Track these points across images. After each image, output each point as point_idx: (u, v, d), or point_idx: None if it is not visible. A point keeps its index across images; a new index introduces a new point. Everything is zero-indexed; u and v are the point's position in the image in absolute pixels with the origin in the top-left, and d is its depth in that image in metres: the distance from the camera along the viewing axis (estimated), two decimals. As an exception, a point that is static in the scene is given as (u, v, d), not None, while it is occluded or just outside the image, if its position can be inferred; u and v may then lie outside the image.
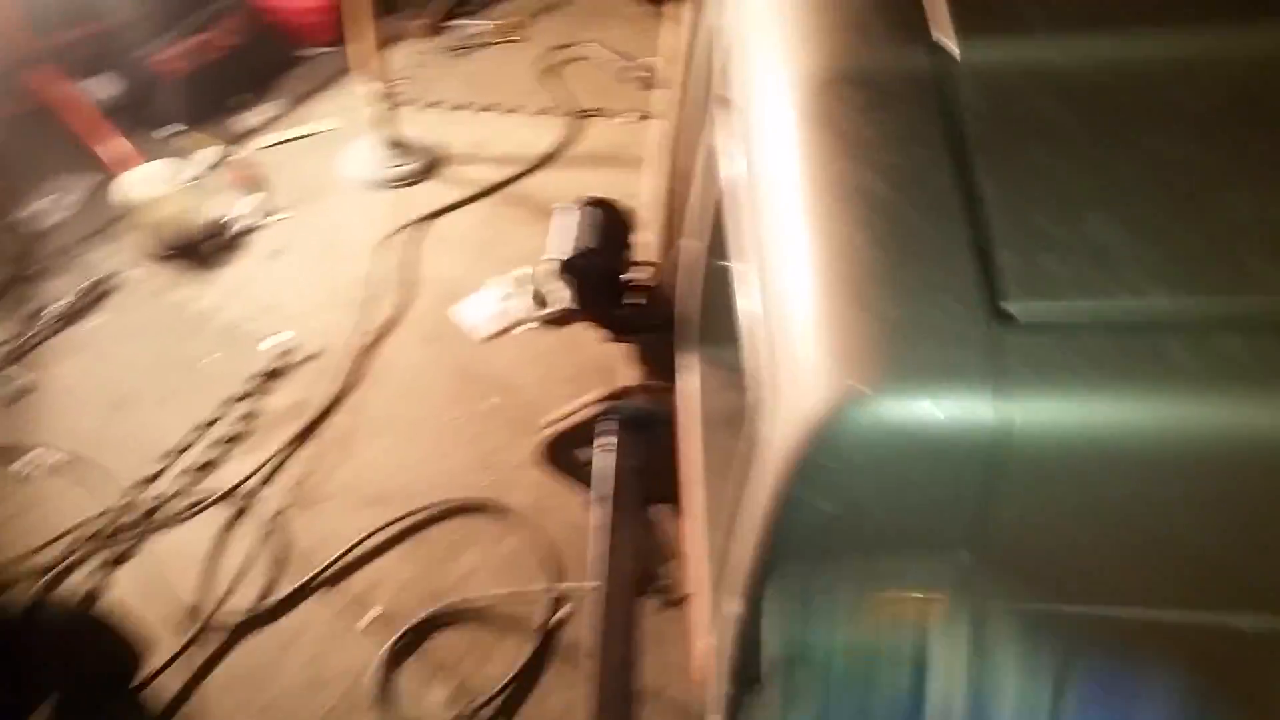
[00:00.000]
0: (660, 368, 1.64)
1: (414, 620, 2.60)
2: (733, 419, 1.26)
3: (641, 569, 1.45)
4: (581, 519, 2.87)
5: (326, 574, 2.74)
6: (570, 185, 3.94)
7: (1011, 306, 0.71)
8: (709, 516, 1.16)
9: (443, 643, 2.60)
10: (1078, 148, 0.81)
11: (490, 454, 3.06)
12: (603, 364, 3.26)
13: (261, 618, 2.66)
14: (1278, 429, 0.67)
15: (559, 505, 2.88)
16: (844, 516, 0.73)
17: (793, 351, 0.77)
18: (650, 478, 1.51)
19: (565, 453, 1.66)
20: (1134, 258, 0.71)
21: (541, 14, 4.94)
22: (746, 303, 0.89)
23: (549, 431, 1.66)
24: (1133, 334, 0.69)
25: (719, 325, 1.33)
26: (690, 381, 1.33)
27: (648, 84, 4.31)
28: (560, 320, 3.41)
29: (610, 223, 1.68)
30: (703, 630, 1.08)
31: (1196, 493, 0.70)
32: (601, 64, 4.59)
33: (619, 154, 4.08)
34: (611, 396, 1.60)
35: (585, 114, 4.31)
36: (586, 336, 3.40)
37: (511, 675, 2.48)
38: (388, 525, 2.85)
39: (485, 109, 4.39)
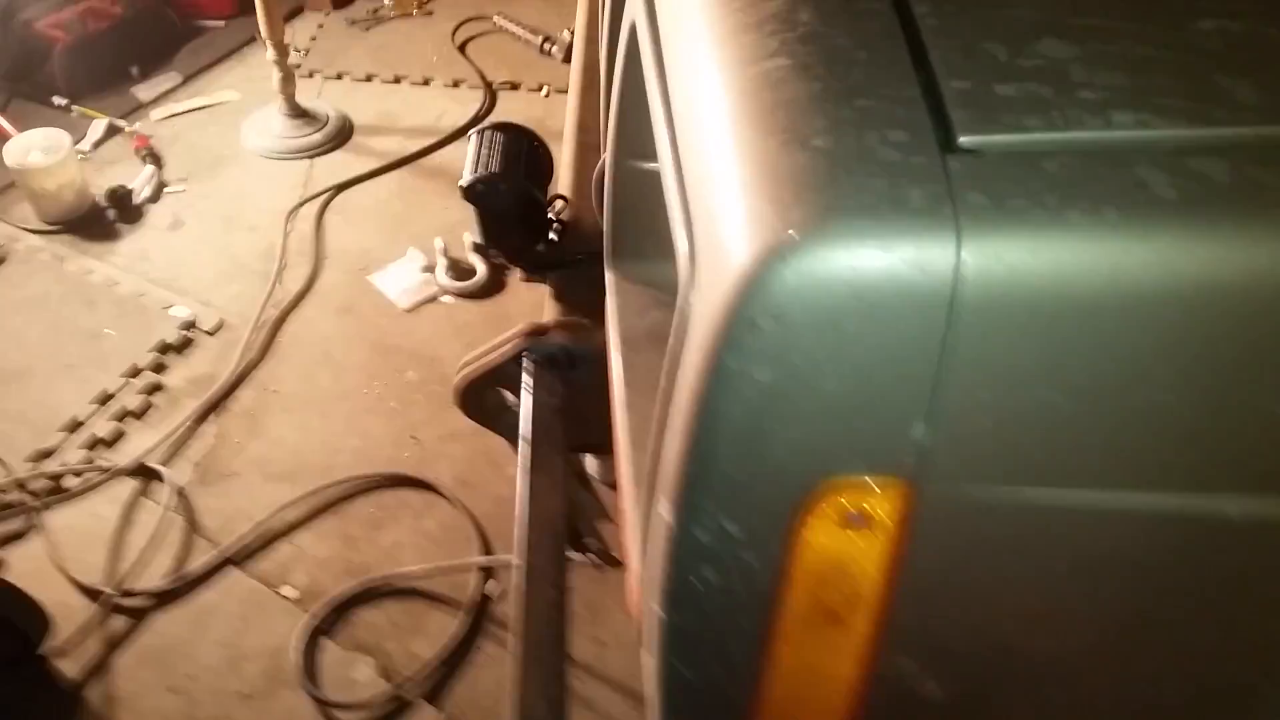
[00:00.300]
0: (583, 305, 1.57)
1: (335, 597, 2.49)
2: (654, 337, 1.20)
3: (568, 521, 1.38)
4: (508, 492, 2.77)
5: (239, 550, 2.61)
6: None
7: (964, 136, 0.64)
8: (632, 438, 1.09)
9: (367, 619, 2.49)
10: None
11: (410, 428, 2.96)
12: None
13: (172, 595, 2.51)
14: (1266, 264, 0.61)
15: (484, 479, 2.79)
16: (781, 386, 0.65)
17: (713, 203, 0.70)
18: (574, 420, 1.43)
19: (483, 397, 1.58)
20: (1096, 83, 0.66)
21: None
22: (663, 170, 0.82)
23: (464, 374, 1.57)
24: (1102, 161, 0.62)
25: (632, 238, 1.26)
26: (609, 305, 1.26)
27: (565, 57, 4.23)
28: (482, 291, 3.33)
29: (520, 151, 1.60)
30: (633, 558, 1.01)
31: (1178, 343, 0.63)
32: (512, 38, 4.49)
33: (535, 122, 3.97)
34: (529, 334, 1.52)
35: (498, 86, 4.20)
36: (510, 308, 3.32)
37: (440, 652, 2.38)
38: (302, 499, 2.72)
39: (393, 81, 4.26)
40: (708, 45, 0.78)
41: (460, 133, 3.96)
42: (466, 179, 1.54)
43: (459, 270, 3.36)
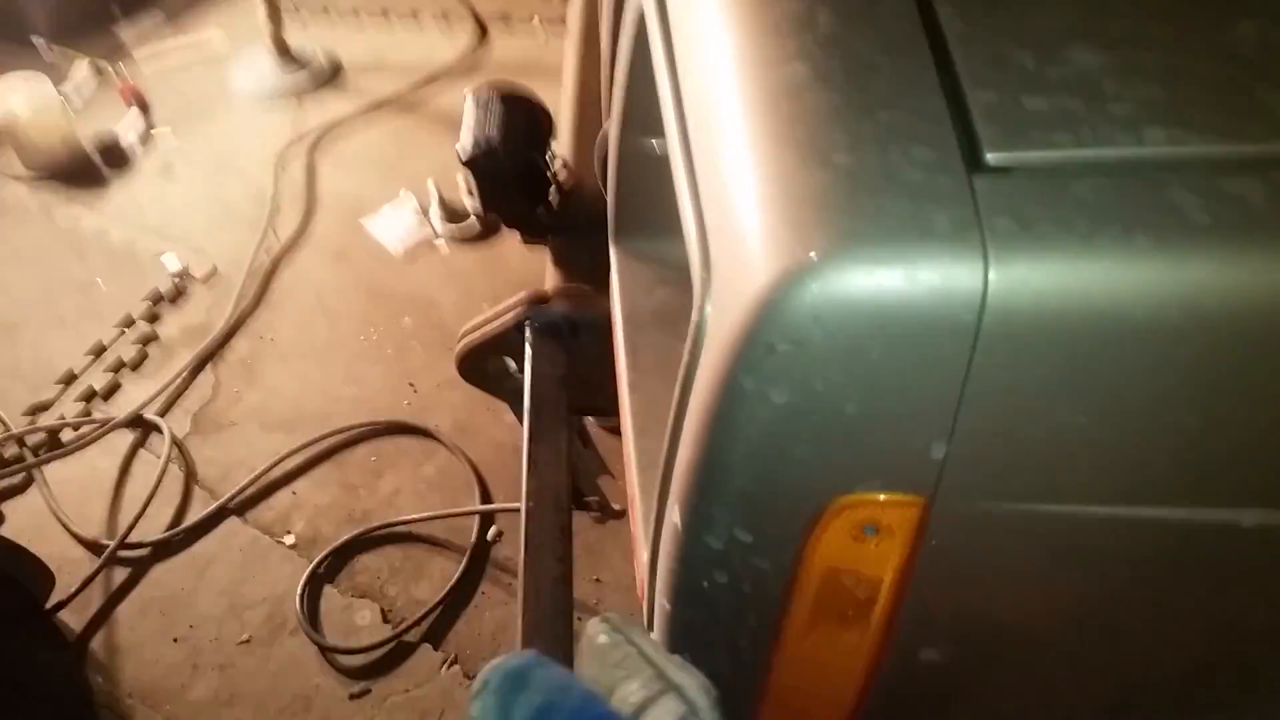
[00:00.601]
0: (584, 271, 1.55)
1: (335, 543, 2.51)
2: (660, 317, 1.19)
3: (571, 482, 1.37)
4: (506, 438, 2.81)
5: (239, 499, 2.62)
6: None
7: (991, 154, 0.62)
8: (637, 422, 1.09)
9: (367, 565, 2.52)
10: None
11: (408, 375, 2.95)
12: (525, 281, 3.15)
13: (173, 544, 2.53)
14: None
15: (482, 425, 2.80)
16: (799, 408, 0.65)
17: (730, 218, 0.68)
18: (577, 387, 1.43)
19: (485, 365, 1.56)
20: (1128, 95, 0.64)
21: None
22: (675, 173, 0.80)
23: (465, 343, 1.56)
24: (1132, 180, 0.61)
25: (637, 215, 1.24)
26: (613, 282, 1.25)
27: (557, -16, 4.14)
28: (478, 235, 3.29)
29: (518, 115, 1.56)
30: (641, 543, 1.02)
31: (1206, 362, 0.63)
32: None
33: (531, 62, 3.91)
34: (530, 302, 1.50)
35: (489, 18, 4.11)
36: (507, 252, 3.29)
37: (441, 595, 2.41)
38: (301, 449, 2.73)
39: (380, 14, 4.16)
40: (723, 43, 0.76)
41: (451, 70, 3.88)
42: (466, 149, 1.51)
43: (453, 213, 3.32)
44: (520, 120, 1.53)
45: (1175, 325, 0.60)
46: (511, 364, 1.58)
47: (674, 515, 0.77)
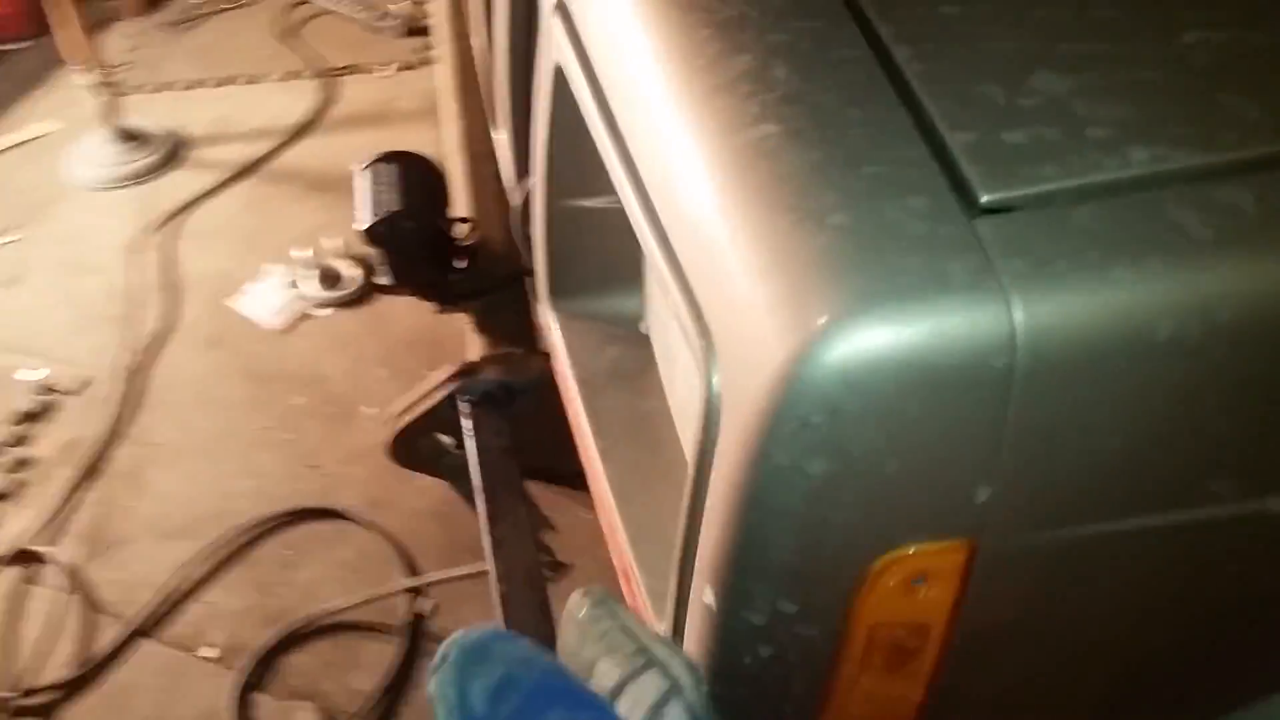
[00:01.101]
0: (510, 333, 1.50)
1: (260, 648, 2.37)
2: (617, 376, 1.16)
3: (535, 554, 1.32)
4: (423, 505, 2.72)
5: (148, 620, 2.45)
6: (338, 152, 3.66)
7: (985, 195, 0.62)
8: (618, 490, 1.05)
9: (298, 665, 2.39)
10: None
11: (307, 456, 2.82)
12: (417, 339, 3.07)
13: (82, 682, 2.34)
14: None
15: (396, 496, 2.70)
16: (838, 475, 0.63)
17: (728, 289, 0.66)
18: (525, 452, 1.37)
19: (418, 446, 1.49)
20: (1101, 116, 0.64)
21: (267, -27, 4.53)
22: (644, 241, 0.77)
23: (395, 426, 1.49)
24: (1128, 202, 0.62)
25: (573, 275, 1.21)
26: (557, 347, 1.21)
27: (403, 31, 4.05)
28: (357, 298, 3.18)
29: (414, 178, 1.50)
30: (652, 618, 0.98)
31: (1229, 368, 0.63)
32: (345, 18, 4.26)
33: (386, 110, 3.82)
34: (461, 374, 1.44)
35: (338, 72, 3.99)
36: (391, 311, 3.19)
37: (381, 682, 2.30)
38: (204, 553, 2.57)
39: (223, 82, 4.00)
40: (673, 107, 0.73)
41: (303, 130, 3.75)
42: (365, 221, 1.44)
43: (327, 278, 3.20)
44: (417, 183, 1.47)
45: (1196, 338, 0.61)
46: (446, 440, 1.51)
47: (706, 597, 0.74)
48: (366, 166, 1.50)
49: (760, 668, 0.76)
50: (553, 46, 0.97)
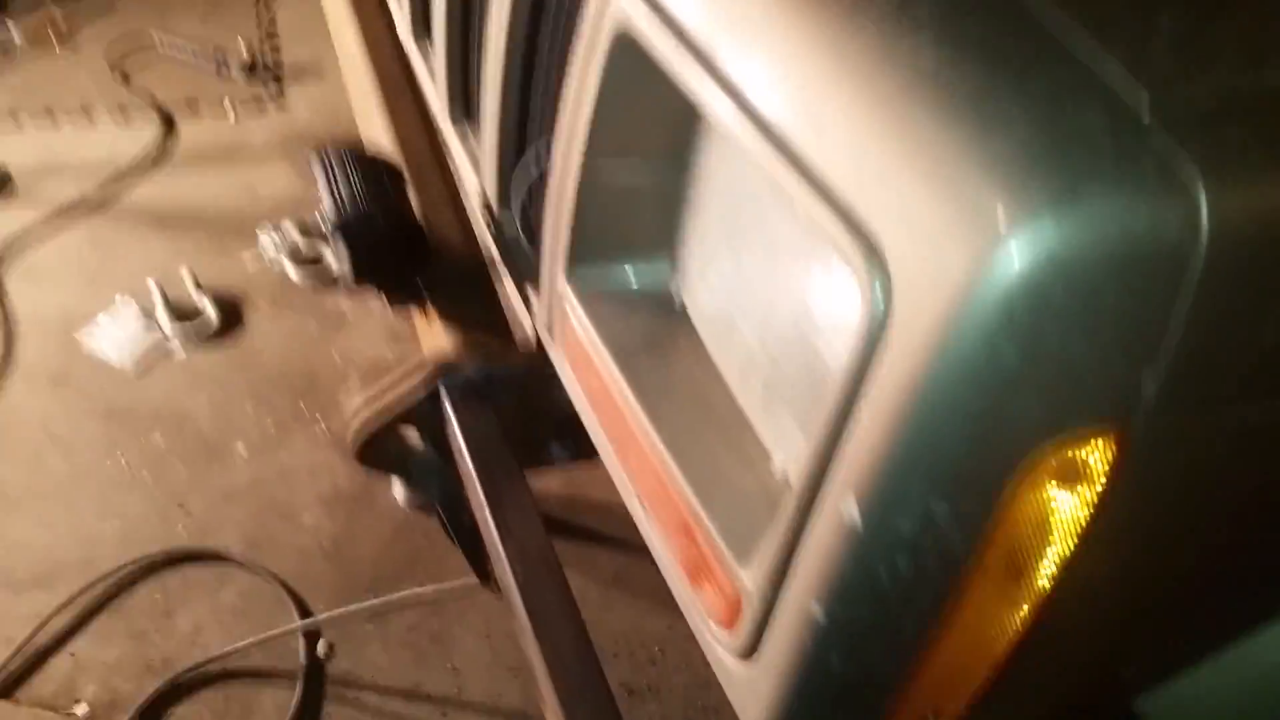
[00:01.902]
0: (481, 325, 1.48)
1: (140, 702, 2.18)
2: (650, 345, 1.18)
3: (545, 534, 1.29)
4: (309, 542, 2.58)
5: (5, 679, 2.20)
6: (182, 190, 3.49)
7: (1165, 91, 0.68)
8: (679, 453, 1.05)
9: (186, 717, 2.21)
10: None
11: (175, 496, 2.64)
12: (288, 374, 2.93)
13: (-62, 757, 2.09)
14: None
15: (277, 534, 2.55)
16: (1030, 364, 0.67)
17: (903, 205, 0.70)
18: (518, 442, 1.35)
19: (386, 445, 1.44)
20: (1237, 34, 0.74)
21: (87, 12, 4.27)
22: (773, 173, 0.81)
23: (365, 422, 1.43)
24: None
25: (594, 245, 1.22)
26: (579, 319, 1.21)
27: (245, 73, 3.92)
28: (216, 332, 3.01)
29: (379, 171, 1.47)
30: (732, 573, 0.99)
31: None
32: (175, 55, 4.07)
33: (227, 146, 3.67)
34: (439, 365, 1.41)
35: (175, 105, 3.81)
36: (257, 345, 3.04)
37: (286, 731, 2.17)
38: (68, 604, 2.35)
39: (44, 114, 3.73)
40: (815, 44, 0.79)
41: (139, 165, 3.55)
42: (333, 215, 1.39)
43: (183, 312, 3.03)
44: (383, 176, 1.44)
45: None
46: (417, 438, 1.47)
47: (847, 511, 0.77)
48: (324, 154, 1.46)
49: (893, 582, 0.79)
50: (613, 18, 1.00)
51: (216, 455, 2.76)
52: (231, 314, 3.09)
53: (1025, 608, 0.83)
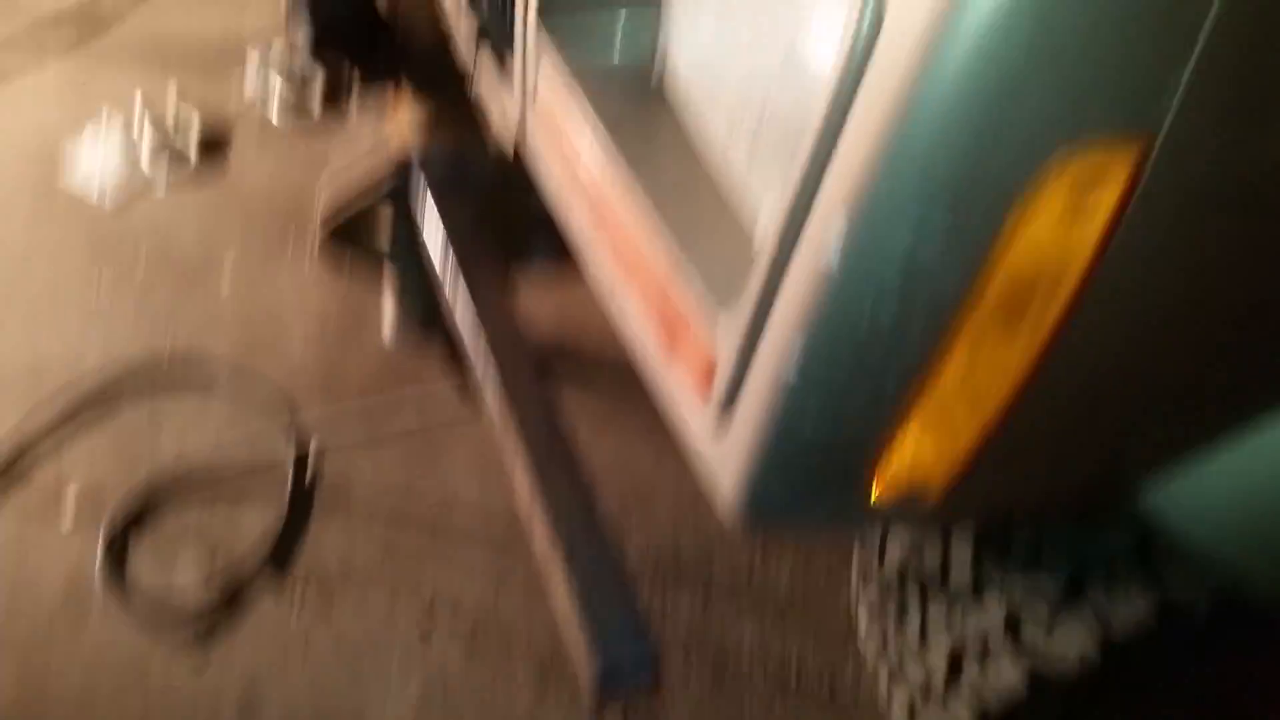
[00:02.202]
0: (449, 112, 1.35)
1: (127, 505, 2.16)
2: (629, 101, 1.07)
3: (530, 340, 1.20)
4: (298, 353, 2.52)
5: (-4, 472, 2.20)
6: (172, 17, 3.31)
7: None
8: (655, 195, 0.95)
9: (174, 519, 2.19)
10: None
11: (160, 318, 2.58)
12: (279, 209, 2.82)
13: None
14: None
15: (266, 339, 2.50)
16: (1044, 43, 0.57)
17: None
18: (500, 231, 1.25)
19: (358, 224, 1.33)
20: None
21: None
22: None
23: (331, 208, 1.32)
24: None
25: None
26: (554, 77, 1.09)
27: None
28: (201, 169, 2.88)
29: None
30: (691, 338, 0.90)
31: None
32: None
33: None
34: (411, 145, 1.29)
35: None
36: (247, 183, 2.92)
37: (272, 529, 2.15)
38: (55, 398, 2.32)
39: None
40: None
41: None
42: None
43: (167, 144, 2.90)
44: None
45: None
46: (390, 222, 1.36)
47: (831, 228, 0.67)
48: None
49: (879, 313, 0.70)
50: None
51: (199, 284, 2.69)
52: (215, 150, 2.97)
53: (1024, 356, 0.74)
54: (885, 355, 0.74)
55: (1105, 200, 0.65)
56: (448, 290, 1.24)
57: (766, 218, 0.94)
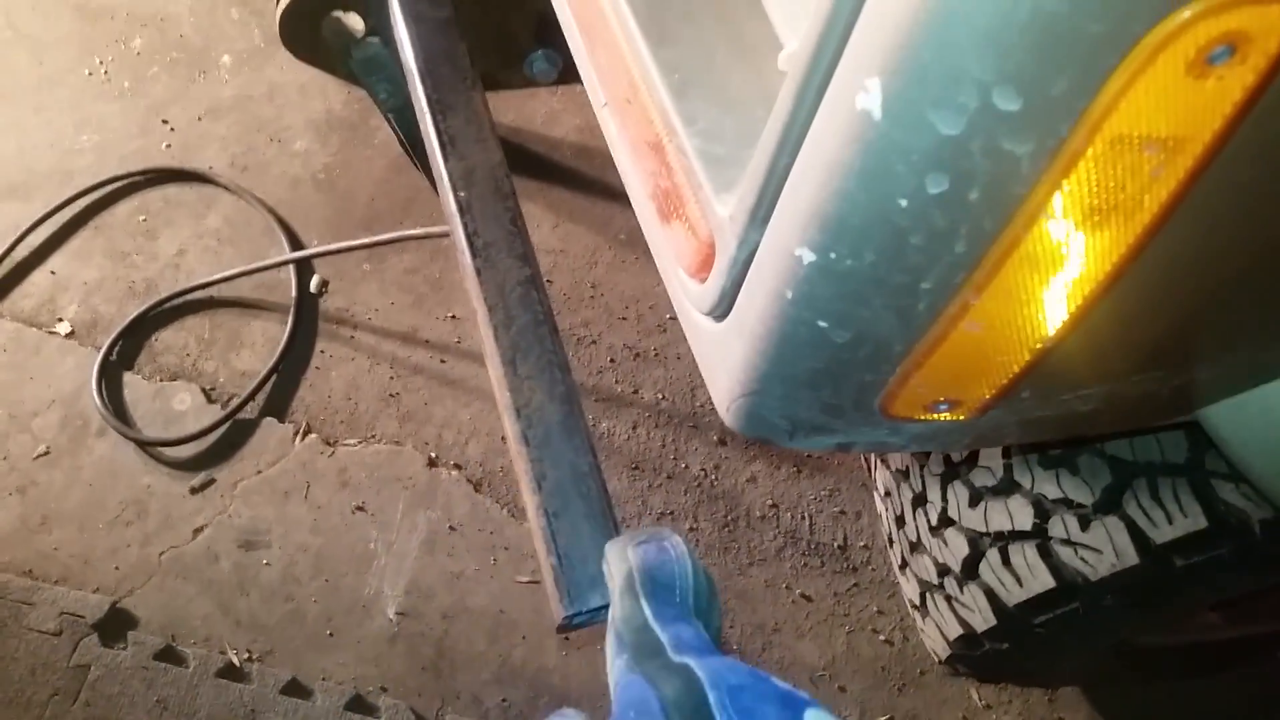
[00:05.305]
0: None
1: (123, 323, 2.07)
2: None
3: (498, 152, 1.04)
4: (300, 170, 2.35)
5: (-18, 288, 2.10)
6: None
7: None
8: (646, 24, 0.77)
9: (170, 342, 2.11)
10: None
11: (156, 110, 2.40)
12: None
13: (-90, 358, 2.02)
14: None
15: (266, 159, 2.33)
16: None
17: None
18: (491, 46, 1.06)
19: (318, 23, 1.15)
20: None
21: None
22: None
23: (285, 13, 1.13)
24: None
25: None
26: None
27: None
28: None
29: None
30: (710, 201, 0.73)
31: None
32: None
33: None
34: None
35: None
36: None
37: (272, 362, 2.05)
38: (47, 217, 2.20)
39: None
40: None
41: None
42: None
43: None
44: None
45: None
46: (356, 21, 1.17)
47: (864, 98, 0.50)
48: None
49: (916, 215, 0.54)
50: None
51: (200, 65, 2.49)
52: None
53: (1102, 267, 0.58)
54: (928, 245, 0.58)
55: (1257, 56, 0.47)
56: (415, 105, 1.07)
57: (790, 52, 0.76)
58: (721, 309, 0.75)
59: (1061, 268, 0.57)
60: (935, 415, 0.72)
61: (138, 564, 1.86)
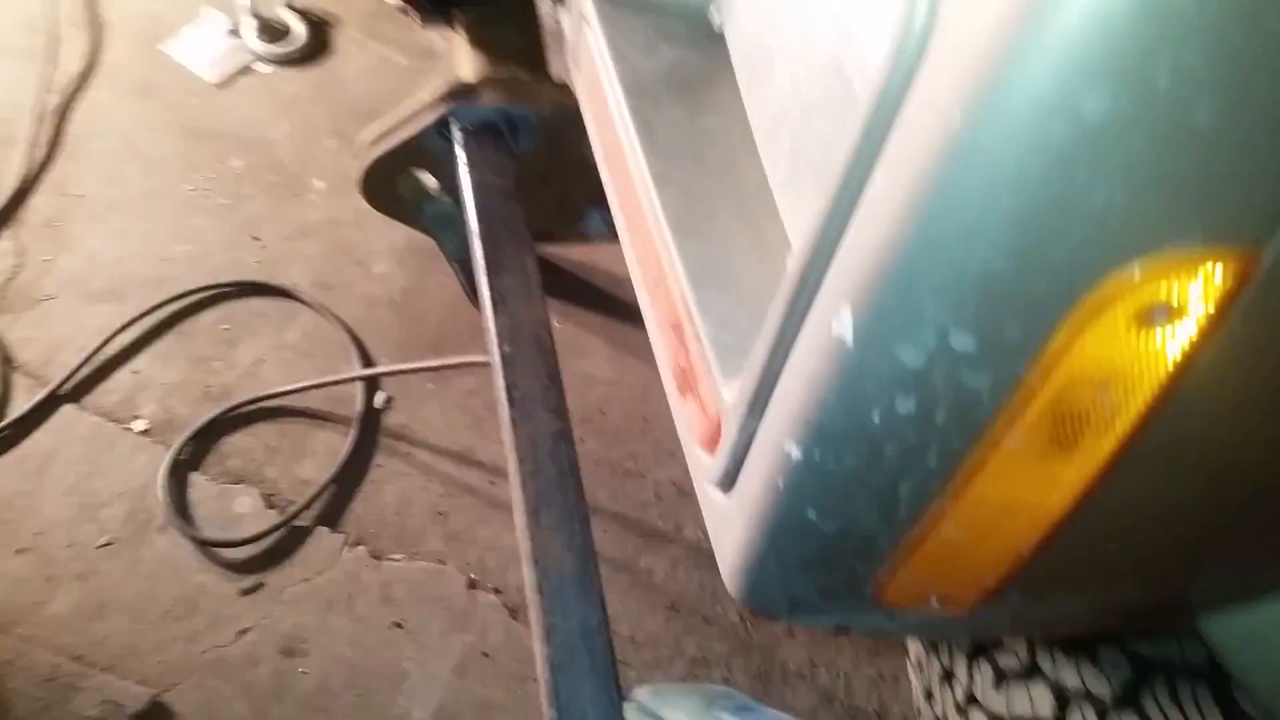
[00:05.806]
0: (514, 52, 1.24)
1: (196, 425, 2.17)
2: (673, 83, 0.93)
3: (543, 311, 1.11)
4: (379, 292, 2.49)
5: (71, 384, 2.22)
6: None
7: None
8: (676, 222, 0.83)
9: (238, 447, 2.20)
10: None
11: (249, 227, 2.56)
12: (371, 105, 2.77)
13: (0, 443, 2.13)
14: None
15: (347, 279, 2.46)
16: (1124, 122, 0.43)
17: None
18: (530, 200, 1.14)
19: (396, 182, 1.25)
20: None
21: None
22: None
23: (371, 154, 1.24)
24: None
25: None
26: (597, 41, 0.96)
27: None
28: (304, 55, 2.85)
29: None
30: (714, 378, 0.78)
31: None
32: None
33: None
34: (453, 95, 1.19)
35: None
36: (341, 73, 2.87)
37: (331, 473, 2.13)
38: (137, 320, 2.33)
39: None
40: None
41: None
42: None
43: (272, 31, 2.86)
44: None
45: None
46: (429, 181, 1.27)
47: (838, 326, 0.55)
48: None
49: (891, 428, 0.58)
50: None
51: (293, 188, 2.66)
52: (320, 36, 2.91)
53: (1070, 488, 0.60)
54: (901, 460, 0.62)
55: (1188, 320, 0.51)
56: (473, 258, 1.15)
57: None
58: (726, 483, 0.78)
59: (1028, 488, 0.60)
60: (928, 608, 0.74)
61: (182, 659, 1.91)
